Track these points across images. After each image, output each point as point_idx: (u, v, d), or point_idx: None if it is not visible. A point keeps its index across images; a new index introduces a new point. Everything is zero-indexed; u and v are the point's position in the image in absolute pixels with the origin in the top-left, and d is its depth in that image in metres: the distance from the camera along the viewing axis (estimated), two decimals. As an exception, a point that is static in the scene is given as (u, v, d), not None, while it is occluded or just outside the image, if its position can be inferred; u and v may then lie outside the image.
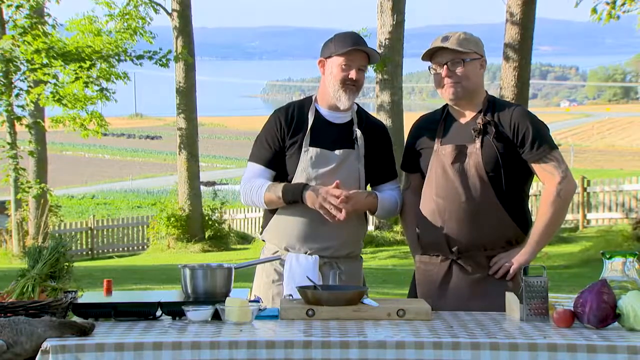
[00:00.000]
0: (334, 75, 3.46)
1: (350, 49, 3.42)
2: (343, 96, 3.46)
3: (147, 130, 77.39)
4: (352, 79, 3.45)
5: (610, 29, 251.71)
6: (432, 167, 3.43)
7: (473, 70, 3.39)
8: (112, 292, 3.19)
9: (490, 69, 59.07)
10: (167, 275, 11.80)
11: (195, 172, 18.08)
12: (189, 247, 17.63)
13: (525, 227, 3.38)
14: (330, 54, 3.48)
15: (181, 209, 17.89)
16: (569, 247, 13.79)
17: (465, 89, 3.38)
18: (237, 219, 21.70)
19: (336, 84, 3.46)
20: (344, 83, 3.44)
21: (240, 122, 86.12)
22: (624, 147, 57.49)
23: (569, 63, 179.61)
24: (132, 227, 20.94)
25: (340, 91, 3.46)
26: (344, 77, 3.44)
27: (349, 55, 3.44)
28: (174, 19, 17.58)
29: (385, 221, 15.00)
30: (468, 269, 3.37)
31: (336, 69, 3.46)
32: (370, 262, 13.25)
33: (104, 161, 57.12)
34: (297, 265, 3.47)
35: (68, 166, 50.76)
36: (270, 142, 3.53)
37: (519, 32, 11.99)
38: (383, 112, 15.18)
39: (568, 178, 3.34)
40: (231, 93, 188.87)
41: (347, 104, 3.48)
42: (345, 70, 3.45)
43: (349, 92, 3.46)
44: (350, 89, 3.46)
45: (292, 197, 3.42)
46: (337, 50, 3.45)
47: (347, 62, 3.44)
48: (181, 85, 17.77)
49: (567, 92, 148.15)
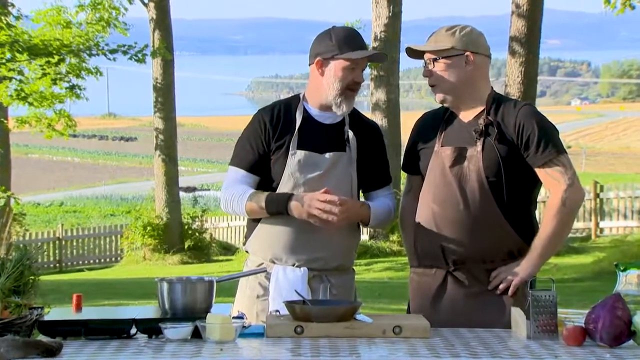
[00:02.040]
0: (339, 79, 3.45)
1: (361, 56, 3.44)
2: (345, 102, 3.47)
3: (121, 131, 77.23)
4: (358, 82, 3.47)
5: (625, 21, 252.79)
6: (431, 169, 3.43)
7: (453, 68, 3.38)
8: (82, 308, 3.18)
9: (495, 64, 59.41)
10: (142, 290, 11.76)
11: (174, 176, 18.06)
12: (167, 258, 17.59)
13: (531, 238, 3.36)
14: (333, 55, 3.46)
15: (158, 217, 17.85)
16: (580, 258, 13.82)
17: (444, 89, 3.40)
18: (220, 228, 21.68)
19: (338, 88, 3.45)
20: (348, 87, 3.46)
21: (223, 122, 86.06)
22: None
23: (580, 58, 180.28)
24: (104, 237, 20.89)
25: (342, 97, 3.46)
26: (349, 81, 3.45)
27: (356, 59, 3.45)
28: (150, 10, 17.57)
29: (380, 230, 15.02)
30: (465, 282, 3.37)
31: (341, 73, 3.45)
32: (364, 274, 13.26)
33: (74, 165, 56.93)
34: (284, 279, 3.47)
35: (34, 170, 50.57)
36: (253, 144, 3.52)
37: (525, 25, 12.04)
38: (378, 112, 15.22)
39: (575, 186, 3.33)
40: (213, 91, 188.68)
41: (348, 109, 3.50)
42: (351, 73, 3.46)
43: (349, 98, 3.48)
44: (351, 94, 3.48)
45: (277, 209, 3.42)
46: (344, 52, 3.43)
47: (354, 66, 3.45)
48: (158, 82, 17.75)
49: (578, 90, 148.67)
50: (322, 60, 3.49)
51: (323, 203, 3.34)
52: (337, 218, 3.35)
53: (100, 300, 10.24)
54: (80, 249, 20.58)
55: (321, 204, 3.34)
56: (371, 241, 15.50)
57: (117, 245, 20.49)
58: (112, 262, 20.30)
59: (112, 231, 21.06)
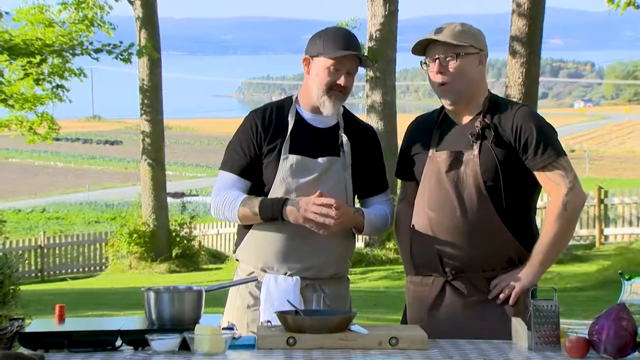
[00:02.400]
0: (320, 79, 3.46)
1: (341, 54, 3.42)
2: (327, 102, 3.47)
3: (106, 135, 77.18)
4: (340, 85, 3.45)
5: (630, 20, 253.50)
6: (425, 175, 3.44)
7: (469, 66, 3.38)
8: (65, 320, 3.17)
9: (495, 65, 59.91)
10: (128, 300, 11.75)
11: (161, 181, 18.04)
12: (154, 267, 17.57)
13: (531, 244, 3.37)
14: (318, 53, 3.47)
15: (145, 224, 17.83)
16: (583, 266, 13.84)
17: (460, 89, 3.38)
18: (209, 235, 21.66)
19: (321, 88, 3.46)
20: (330, 89, 3.45)
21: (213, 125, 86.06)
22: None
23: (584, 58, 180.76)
24: (89, 244, 20.85)
25: (325, 97, 3.46)
26: (330, 82, 3.45)
27: (339, 59, 3.44)
28: (136, 9, 17.55)
29: (376, 237, 15.02)
30: (463, 291, 3.38)
31: (323, 72, 3.45)
32: (359, 283, 13.26)
33: (56, 170, 56.84)
34: (275, 288, 3.47)
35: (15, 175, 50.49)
36: (244, 148, 3.52)
37: (526, 24, 12.07)
38: (374, 114, 15.22)
39: (576, 189, 3.34)
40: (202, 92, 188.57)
41: (332, 111, 3.48)
42: (333, 75, 3.44)
43: (334, 99, 3.47)
44: (336, 96, 3.47)
45: (272, 214, 3.42)
46: (326, 51, 3.44)
47: (336, 66, 3.44)
48: (145, 83, 17.74)
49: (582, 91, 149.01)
50: (309, 59, 3.50)
51: (319, 207, 3.34)
52: (334, 222, 3.36)
53: (84, 311, 10.22)
54: (63, 257, 20.54)
55: (317, 207, 3.34)
56: (367, 249, 15.49)
57: (102, 253, 20.46)
58: (96, 271, 20.27)
59: (96, 239, 21.03)
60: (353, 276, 13.42)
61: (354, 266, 14.31)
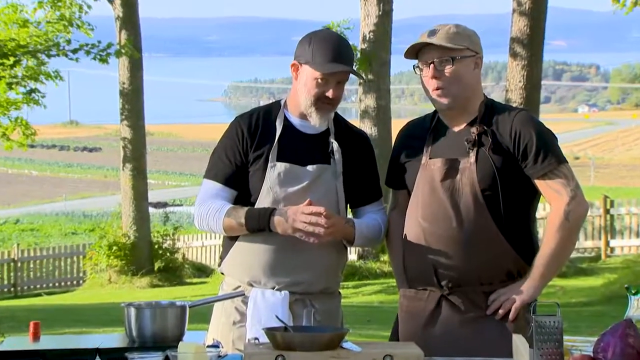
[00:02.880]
0: (308, 89, 3.46)
1: (330, 71, 3.40)
2: (315, 114, 3.48)
3: (84, 141, 77.06)
4: (328, 97, 3.45)
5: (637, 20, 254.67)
6: (418, 184, 3.44)
7: (465, 70, 3.40)
8: (40, 337, 3.17)
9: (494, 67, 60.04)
10: (107, 316, 11.72)
11: (143, 191, 18.02)
12: (135, 281, 17.54)
13: (531, 256, 3.38)
14: (306, 61, 3.46)
15: (125, 235, 17.80)
16: (588, 280, 13.88)
17: (456, 93, 3.39)
18: (193, 248, 21.63)
19: (309, 99, 3.46)
20: (318, 100, 3.46)
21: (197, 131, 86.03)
22: (653, 161, 58.05)
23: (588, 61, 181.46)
24: (65, 258, 20.79)
25: (313, 108, 3.47)
26: (319, 93, 3.45)
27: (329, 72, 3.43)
28: (116, 8, 17.57)
29: (370, 249, 15.02)
30: (460, 306, 3.38)
31: (310, 83, 3.45)
32: (352, 298, 13.26)
33: (31, 178, 56.70)
34: (263, 303, 3.47)
35: (-13, 184, 50.32)
36: (230, 155, 3.53)
37: (527, 24, 12.12)
38: (367, 119, 15.25)
39: (578, 198, 3.35)
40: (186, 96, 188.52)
41: (320, 122, 3.49)
42: (322, 86, 3.44)
43: (322, 111, 3.47)
44: (325, 108, 3.47)
45: (258, 225, 3.42)
46: (315, 61, 3.43)
47: (325, 77, 3.43)
48: (125, 86, 17.73)
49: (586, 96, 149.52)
50: (297, 65, 3.51)
51: (308, 215, 3.34)
52: (324, 231, 3.36)
53: (60, 328, 10.19)
54: (38, 271, 20.47)
55: (306, 216, 3.34)
56: (360, 261, 15.50)
57: (79, 267, 20.40)
58: (73, 285, 20.21)
59: (73, 251, 20.97)
60: (345, 290, 13.42)
61: (346, 280, 14.34)
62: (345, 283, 14.05)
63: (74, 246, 21.71)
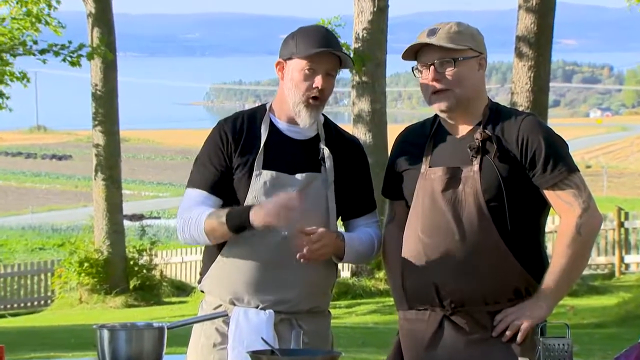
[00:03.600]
0: (295, 83, 3.48)
1: (315, 51, 3.44)
2: (304, 111, 3.49)
3: (53, 148, 76.96)
4: (317, 87, 3.46)
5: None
6: (418, 195, 3.44)
7: (468, 72, 3.40)
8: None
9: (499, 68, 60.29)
10: (77, 339, 11.69)
11: (117, 202, 17.98)
12: (108, 301, 17.48)
13: (540, 273, 3.37)
14: (291, 54, 3.49)
15: (98, 251, 17.76)
16: (601, 299, 13.89)
17: (459, 96, 3.39)
18: (172, 264, 21.59)
19: (297, 95, 3.48)
20: (306, 93, 3.47)
21: (177, 137, 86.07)
22: (671, 170, 58.24)
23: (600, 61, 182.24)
24: (32, 275, 20.73)
25: (301, 105, 3.48)
26: (307, 85, 3.46)
27: (314, 58, 3.45)
28: (88, 3, 17.56)
29: (364, 265, 15.02)
30: (464, 327, 3.37)
31: (297, 75, 3.47)
32: (345, 318, 13.25)
33: (-4, 189, 56.56)
34: (246, 323, 3.46)
35: (-53, 195, 50.18)
36: (214, 161, 3.53)
37: (535, 22, 12.15)
38: (361, 125, 15.27)
39: (591, 210, 3.35)
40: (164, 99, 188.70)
41: (308, 121, 3.50)
42: (309, 77, 3.46)
43: (311, 108, 3.48)
44: (314, 105, 3.48)
45: (239, 220, 3.39)
46: (300, 50, 3.46)
47: (312, 67, 3.46)
48: (98, 89, 17.72)
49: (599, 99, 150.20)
50: (282, 62, 3.53)
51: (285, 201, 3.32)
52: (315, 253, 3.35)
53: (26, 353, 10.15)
54: (1, 290, 20.40)
55: (282, 200, 3.31)
56: (353, 279, 15.49)
57: (47, 285, 20.34)
58: (40, 306, 20.14)
59: (40, 269, 20.90)
60: (338, 310, 13.42)
61: (339, 299, 14.33)
62: (337, 302, 14.05)
63: (42, 263, 21.64)
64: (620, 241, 16.62)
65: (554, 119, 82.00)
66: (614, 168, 58.19)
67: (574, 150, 5.11)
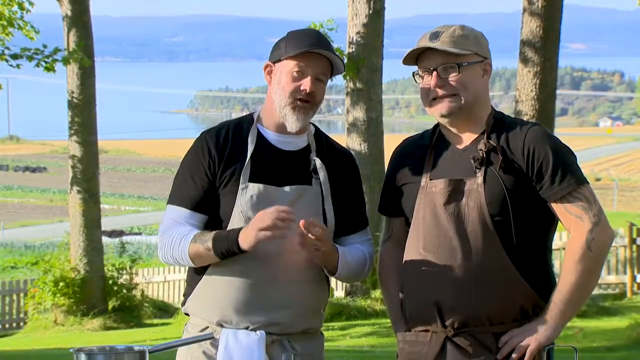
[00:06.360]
0: (282, 86, 3.50)
1: (303, 50, 3.45)
2: (290, 115, 3.50)
3: (26, 160, 76.91)
4: (305, 90, 3.48)
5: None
6: (418, 209, 3.45)
7: (473, 78, 3.42)
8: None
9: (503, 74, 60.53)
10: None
11: (95, 217, 17.96)
12: (85, 323, 17.44)
13: (547, 292, 3.38)
14: (280, 56, 3.51)
15: (74, 269, 17.72)
16: (612, 321, 13.90)
17: (462, 103, 3.41)
18: (154, 283, 21.56)
19: (284, 98, 3.49)
20: (293, 94, 3.48)
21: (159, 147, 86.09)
22: (686, 183, 58.38)
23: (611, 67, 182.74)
24: (3, 296, 20.68)
25: (288, 108, 3.49)
26: (294, 87, 3.48)
27: (303, 59, 3.47)
28: (64, 5, 17.57)
29: (359, 284, 15.01)
30: (468, 349, 3.38)
31: (285, 78, 3.49)
32: (339, 341, 13.23)
33: (-35, 203, 56.46)
34: (235, 345, 3.46)
35: None
36: (196, 176, 3.54)
37: (540, 25, 12.19)
38: (356, 134, 15.28)
39: (602, 225, 3.36)
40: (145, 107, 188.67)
41: (297, 125, 3.51)
42: (297, 79, 3.48)
43: (299, 111, 3.50)
44: (302, 107, 3.49)
45: (227, 245, 3.41)
46: (289, 51, 3.48)
47: (301, 68, 3.48)
48: (75, 96, 17.71)
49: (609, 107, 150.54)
50: (270, 65, 3.55)
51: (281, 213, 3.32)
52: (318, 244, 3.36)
53: (-3, 378, 10.12)
54: (-29, 311, 20.35)
55: (273, 213, 3.32)
56: (347, 299, 15.48)
57: (20, 306, 20.29)
58: (12, 328, 20.09)
59: (13, 289, 20.85)
60: (331, 332, 13.40)
61: (332, 320, 14.32)
62: (331, 324, 14.04)
63: (14, 282, 21.58)
64: (632, 259, 16.61)
65: (561, 128, 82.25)
66: (625, 181, 58.32)
67: (583, 161, 5.14)
